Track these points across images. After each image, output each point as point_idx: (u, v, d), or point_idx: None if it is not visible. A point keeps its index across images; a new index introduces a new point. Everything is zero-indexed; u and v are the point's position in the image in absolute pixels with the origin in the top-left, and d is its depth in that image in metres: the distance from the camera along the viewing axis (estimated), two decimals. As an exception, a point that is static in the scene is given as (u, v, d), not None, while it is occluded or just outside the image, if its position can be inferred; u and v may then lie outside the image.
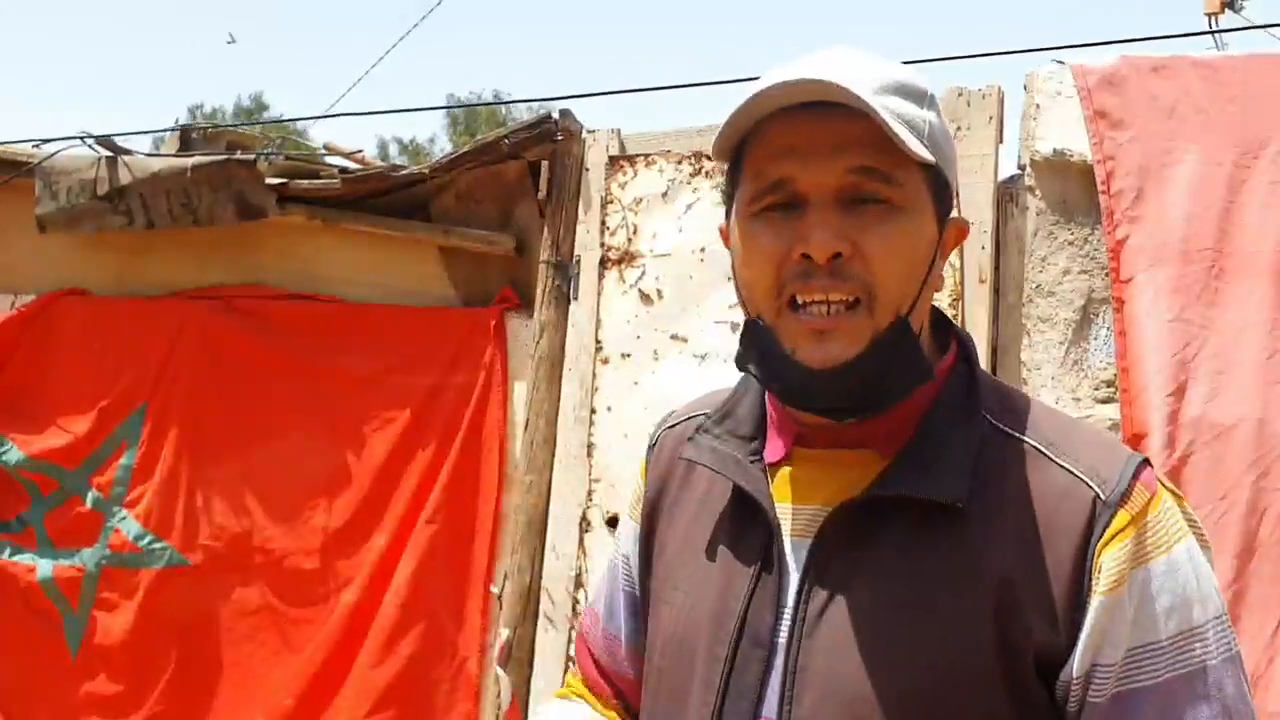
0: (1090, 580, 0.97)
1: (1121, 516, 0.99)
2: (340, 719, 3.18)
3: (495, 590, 3.10)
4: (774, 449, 1.13)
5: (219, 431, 3.40)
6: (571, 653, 2.95)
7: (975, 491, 1.02)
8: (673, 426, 1.28)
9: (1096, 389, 2.58)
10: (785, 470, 1.12)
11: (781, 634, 1.05)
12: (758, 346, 1.06)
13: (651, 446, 1.30)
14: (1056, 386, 2.60)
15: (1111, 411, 2.52)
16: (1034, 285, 2.66)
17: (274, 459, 3.34)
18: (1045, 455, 1.04)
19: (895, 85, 1.02)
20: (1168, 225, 2.48)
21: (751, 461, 1.12)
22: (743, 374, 1.17)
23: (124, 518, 3.40)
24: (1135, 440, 2.40)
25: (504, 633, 3.02)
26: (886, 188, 1.01)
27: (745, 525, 1.11)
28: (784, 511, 1.09)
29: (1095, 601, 0.97)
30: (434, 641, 3.12)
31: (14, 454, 3.50)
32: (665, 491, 1.24)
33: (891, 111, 0.99)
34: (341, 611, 3.21)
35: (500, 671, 2.99)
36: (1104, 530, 0.98)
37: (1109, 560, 0.97)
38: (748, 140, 1.06)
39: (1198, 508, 2.34)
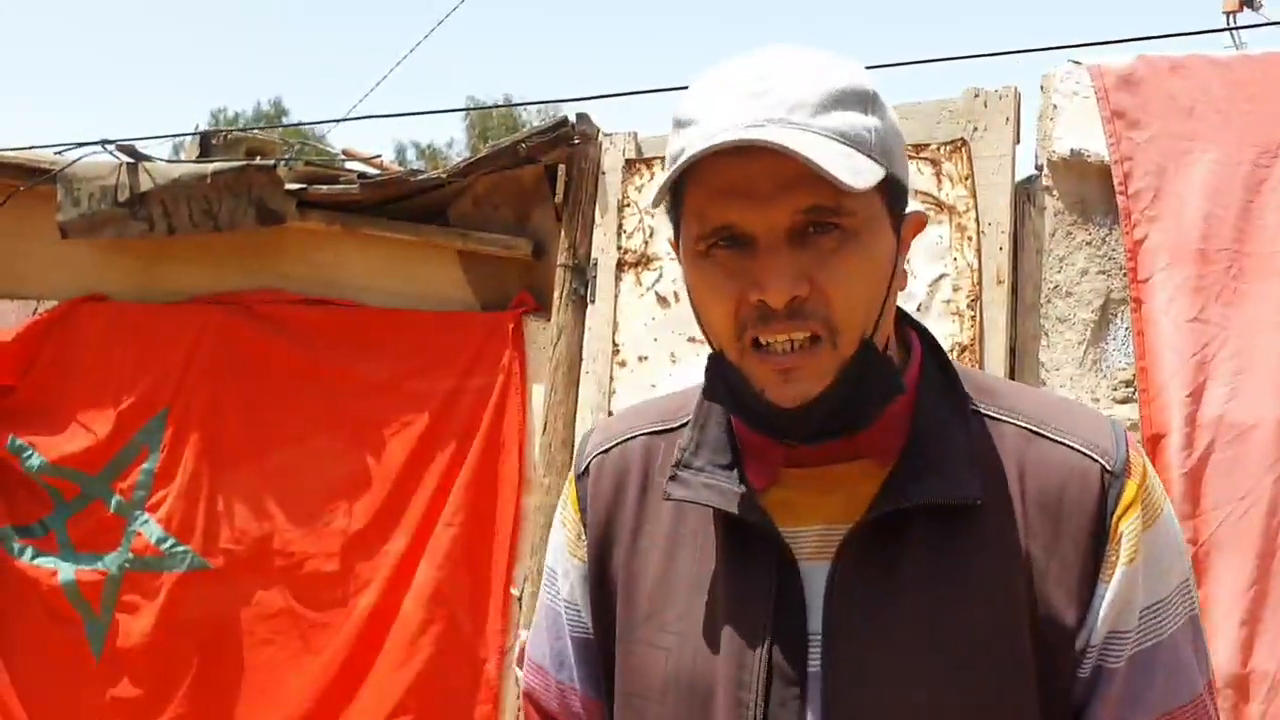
0: (1109, 550, 1.00)
1: (1130, 486, 1.01)
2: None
3: (515, 592, 3.11)
4: (757, 473, 1.07)
5: (239, 436, 3.42)
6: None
7: (983, 483, 1.01)
8: (606, 450, 1.18)
9: (1115, 389, 2.58)
10: (775, 493, 1.06)
11: (812, 664, 1.00)
12: (726, 381, 1.02)
13: (582, 476, 1.19)
14: (1075, 387, 2.60)
15: (1130, 412, 2.52)
16: (1052, 285, 2.65)
17: (294, 463, 3.36)
18: (1041, 435, 1.04)
19: (836, 96, 0.96)
20: (1186, 225, 2.48)
21: (741, 490, 1.05)
22: (701, 397, 1.11)
23: (146, 521, 3.42)
24: (1154, 440, 2.39)
25: (524, 634, 3.03)
26: (838, 217, 0.96)
27: (747, 556, 1.05)
28: (786, 537, 1.04)
29: (1119, 573, 0.99)
30: (453, 643, 3.14)
31: (36, 459, 3.52)
32: (616, 523, 1.14)
33: (836, 133, 0.95)
34: (361, 614, 3.23)
35: (520, 673, 3.00)
36: (1117, 501, 1.00)
37: (1127, 530, 1.00)
38: (684, 178, 0.99)
39: (1217, 508, 2.34)
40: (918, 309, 2.66)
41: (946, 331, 2.64)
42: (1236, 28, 3.07)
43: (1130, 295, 2.51)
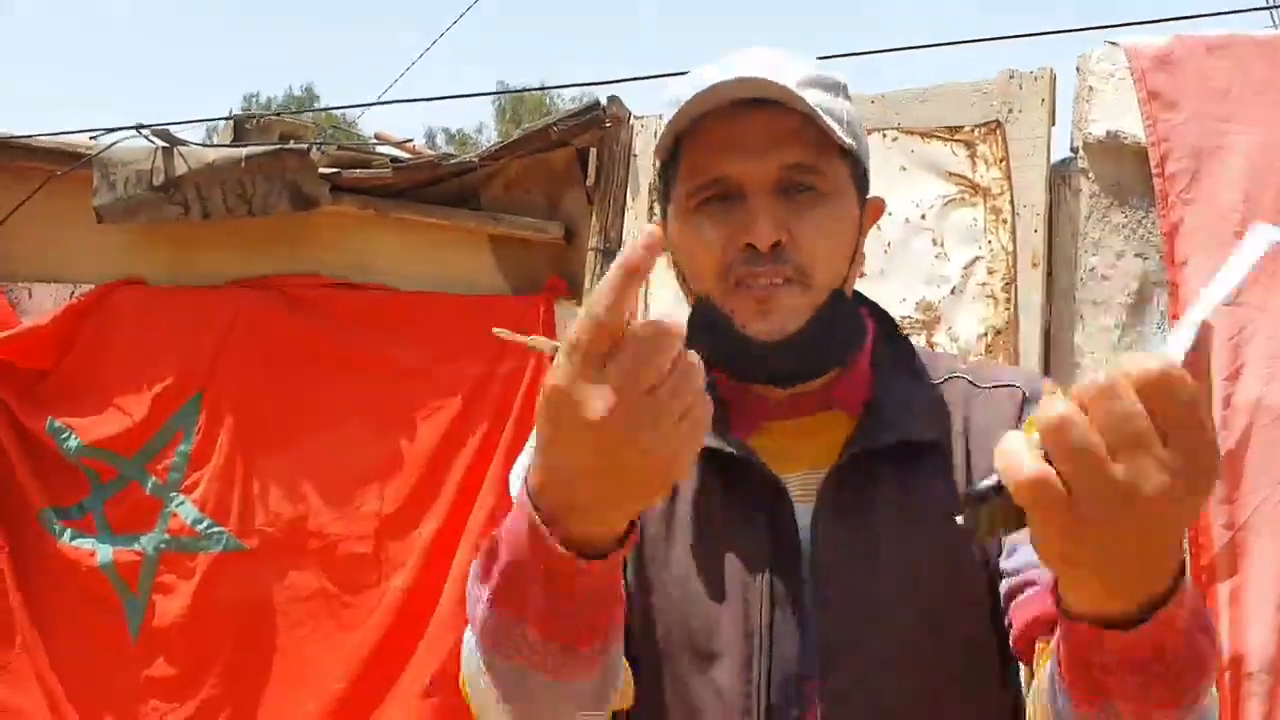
0: None
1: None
2: (392, 703, 3.22)
3: (546, 575, 3.12)
4: (738, 426, 1.18)
5: (273, 418, 3.45)
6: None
7: (938, 428, 1.15)
8: None
9: (1151, 373, 2.56)
10: (756, 442, 1.16)
11: (807, 599, 1.10)
12: (708, 324, 1.12)
13: None
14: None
15: (1166, 395, 2.50)
16: (1087, 268, 2.64)
17: (327, 446, 3.38)
18: (979, 386, 1.19)
19: (814, 79, 1.11)
20: (1223, 208, 2.45)
21: (728, 436, 1.15)
22: None
23: (182, 503, 3.45)
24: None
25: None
26: (815, 178, 1.11)
27: (741, 500, 1.14)
28: None
29: None
30: (484, 626, 3.15)
31: (73, 441, 3.56)
32: None
33: (815, 103, 1.08)
34: (393, 596, 3.25)
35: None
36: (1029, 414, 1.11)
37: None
38: (683, 138, 1.13)
39: (1254, 491, 2.32)
40: (952, 292, 2.65)
41: (980, 315, 2.62)
42: (1274, 6, 3.02)
43: (1167, 278, 2.49)
